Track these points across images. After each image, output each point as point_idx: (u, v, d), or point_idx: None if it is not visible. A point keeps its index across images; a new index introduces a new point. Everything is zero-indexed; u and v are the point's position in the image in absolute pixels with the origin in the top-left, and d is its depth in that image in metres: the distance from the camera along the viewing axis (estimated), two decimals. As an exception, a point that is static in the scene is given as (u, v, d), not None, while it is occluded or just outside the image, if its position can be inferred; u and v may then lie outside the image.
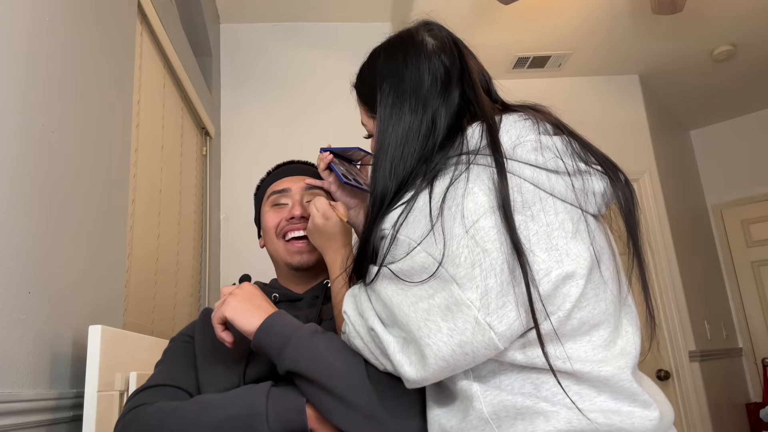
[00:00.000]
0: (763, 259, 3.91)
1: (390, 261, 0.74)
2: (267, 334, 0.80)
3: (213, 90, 2.66)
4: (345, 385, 0.75)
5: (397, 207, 0.76)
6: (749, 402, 3.71)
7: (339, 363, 0.77)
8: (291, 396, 0.78)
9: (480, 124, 0.78)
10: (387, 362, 0.74)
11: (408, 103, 0.82)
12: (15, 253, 0.94)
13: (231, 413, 0.77)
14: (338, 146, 1.11)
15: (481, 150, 0.75)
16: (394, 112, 0.83)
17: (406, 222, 0.73)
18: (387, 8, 2.91)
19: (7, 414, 0.86)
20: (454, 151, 0.77)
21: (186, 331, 1.03)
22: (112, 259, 1.33)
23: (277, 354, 0.79)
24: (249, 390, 0.80)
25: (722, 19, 2.82)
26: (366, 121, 0.94)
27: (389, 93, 0.85)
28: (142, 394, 0.89)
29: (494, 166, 0.73)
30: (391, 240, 0.74)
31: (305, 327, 0.82)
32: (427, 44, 0.85)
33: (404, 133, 0.81)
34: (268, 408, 0.76)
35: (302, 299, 1.04)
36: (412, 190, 0.76)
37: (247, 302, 0.85)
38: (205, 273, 2.31)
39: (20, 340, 0.93)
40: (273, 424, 0.75)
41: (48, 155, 1.06)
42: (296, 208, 1.06)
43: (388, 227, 0.75)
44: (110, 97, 1.37)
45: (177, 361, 0.96)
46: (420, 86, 0.83)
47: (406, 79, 0.84)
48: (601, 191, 0.77)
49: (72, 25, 1.20)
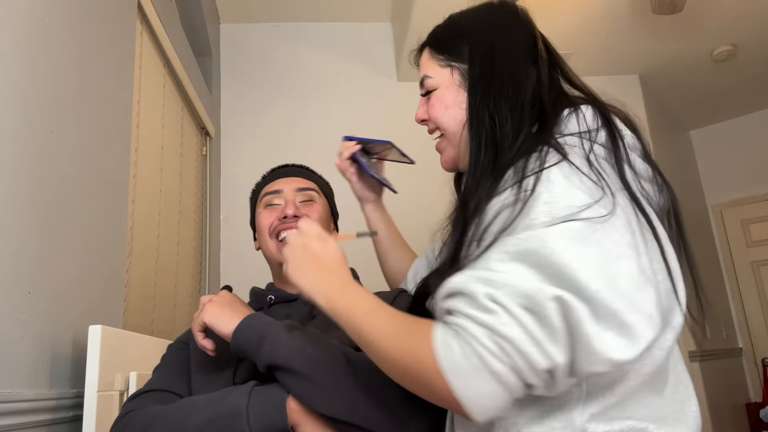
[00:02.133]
0: (763, 259, 3.90)
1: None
2: (244, 333, 0.82)
3: (213, 90, 2.66)
4: (326, 371, 0.77)
5: (530, 176, 0.67)
6: (749, 402, 3.71)
7: (317, 351, 0.79)
8: (271, 394, 0.78)
9: (593, 108, 0.77)
10: (563, 343, 0.58)
11: (510, 69, 0.79)
12: (15, 252, 0.94)
13: (213, 414, 0.78)
14: (361, 136, 1.11)
15: (598, 133, 0.73)
16: (495, 77, 0.79)
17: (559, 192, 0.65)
18: (387, 8, 2.91)
19: (7, 414, 0.86)
20: (566, 129, 0.74)
21: (182, 338, 1.04)
22: (112, 259, 1.33)
23: (255, 349, 0.80)
24: (232, 391, 0.81)
25: (722, 19, 2.82)
26: (434, 73, 0.86)
27: (488, 54, 0.81)
28: (138, 398, 0.91)
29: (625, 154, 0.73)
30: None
31: (282, 323, 0.83)
32: (522, 16, 0.85)
33: (509, 99, 0.77)
34: (248, 407, 0.76)
35: (297, 299, 1.05)
36: (525, 162, 0.70)
37: (224, 307, 0.86)
38: (205, 273, 2.31)
39: (20, 340, 0.93)
40: (253, 422, 0.75)
41: (48, 155, 1.06)
42: (289, 207, 1.06)
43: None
44: (110, 98, 1.37)
45: (172, 367, 0.98)
46: (523, 54, 0.80)
47: (509, 44, 0.81)
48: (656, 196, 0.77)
49: (72, 25, 1.19)
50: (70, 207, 1.13)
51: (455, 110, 0.83)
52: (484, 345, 0.57)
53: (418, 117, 0.91)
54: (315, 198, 1.11)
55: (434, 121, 0.87)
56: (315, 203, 1.11)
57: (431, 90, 0.86)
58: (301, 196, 1.10)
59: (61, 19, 1.15)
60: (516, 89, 0.78)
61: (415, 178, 1.80)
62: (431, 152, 0.94)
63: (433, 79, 0.86)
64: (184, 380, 0.95)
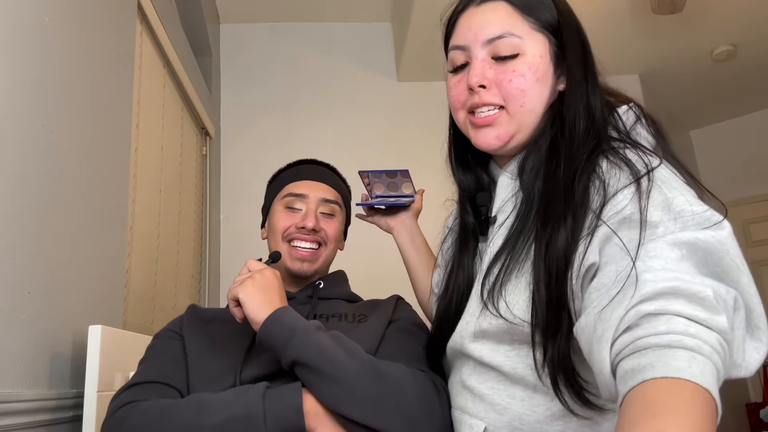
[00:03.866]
0: (763, 259, 3.90)
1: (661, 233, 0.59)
2: (274, 326, 0.82)
3: (213, 90, 2.66)
4: (353, 374, 0.78)
5: (624, 189, 0.64)
6: (749, 402, 3.71)
7: (344, 354, 0.80)
8: (288, 396, 0.78)
9: (634, 108, 0.75)
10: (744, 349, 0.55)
11: (591, 54, 0.78)
12: (15, 253, 0.93)
13: (229, 415, 0.77)
14: (374, 169, 1.11)
15: (638, 135, 0.72)
16: (588, 60, 0.77)
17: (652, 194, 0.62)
18: (387, 8, 2.91)
19: (7, 414, 0.86)
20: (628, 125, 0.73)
21: (172, 327, 0.99)
22: (112, 259, 1.33)
23: (284, 344, 0.81)
24: (245, 391, 0.80)
25: (722, 19, 2.82)
26: (525, 34, 0.76)
27: (577, 34, 0.79)
28: (129, 391, 0.85)
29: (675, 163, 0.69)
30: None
31: (311, 322, 0.84)
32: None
33: (597, 85, 0.76)
34: (265, 409, 0.76)
35: (294, 298, 1.05)
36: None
37: (261, 291, 0.86)
38: (205, 273, 2.31)
39: (20, 340, 0.93)
40: (271, 424, 0.75)
41: (48, 155, 1.06)
42: (309, 220, 1.06)
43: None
44: (110, 97, 1.37)
45: (164, 357, 0.93)
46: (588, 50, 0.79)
47: (580, 27, 0.80)
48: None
49: (72, 25, 1.19)
50: (70, 207, 1.13)
51: (544, 86, 0.76)
52: (717, 351, 0.50)
53: (480, 80, 0.76)
54: (336, 212, 1.11)
55: (517, 92, 0.75)
56: (335, 219, 1.10)
57: (514, 54, 0.75)
58: (323, 208, 1.09)
59: (61, 19, 1.15)
60: (595, 75, 0.77)
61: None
62: (431, 153, 0.93)
63: (522, 41, 0.75)
64: (180, 371, 0.90)
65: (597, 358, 0.54)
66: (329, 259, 1.11)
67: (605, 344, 0.53)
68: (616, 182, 0.66)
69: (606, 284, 0.58)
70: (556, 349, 0.65)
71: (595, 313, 0.56)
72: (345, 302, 1.08)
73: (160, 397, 0.85)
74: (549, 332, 0.66)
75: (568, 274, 0.65)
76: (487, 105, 0.77)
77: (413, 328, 0.97)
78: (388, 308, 1.00)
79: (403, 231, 1.10)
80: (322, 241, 1.08)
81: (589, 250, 0.63)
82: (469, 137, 0.81)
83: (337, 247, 1.13)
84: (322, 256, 1.08)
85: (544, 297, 0.66)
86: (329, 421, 0.78)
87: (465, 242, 0.86)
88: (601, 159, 0.70)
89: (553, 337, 0.65)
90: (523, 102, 0.75)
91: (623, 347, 0.52)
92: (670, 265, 0.55)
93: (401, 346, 0.92)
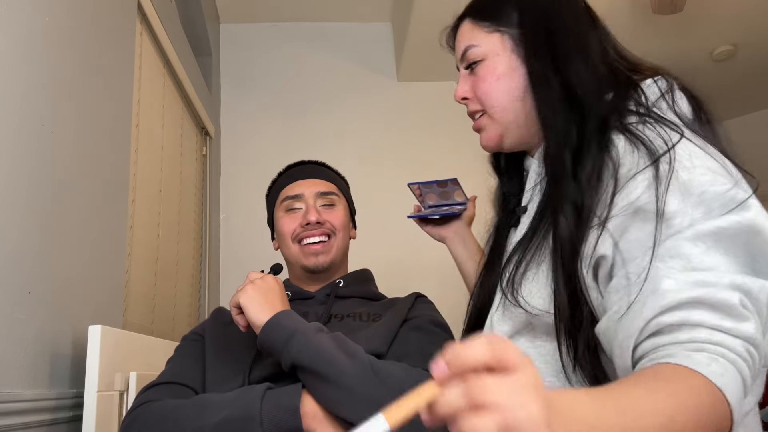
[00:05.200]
0: (763, 259, 3.90)
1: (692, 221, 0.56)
2: (273, 329, 0.83)
3: (213, 90, 2.66)
4: (352, 375, 0.77)
5: (643, 171, 0.61)
6: (749, 402, 3.71)
7: (344, 355, 0.79)
8: (285, 397, 0.78)
9: (662, 80, 0.72)
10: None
11: (570, 30, 0.75)
12: (15, 253, 0.93)
13: (226, 415, 0.77)
14: (424, 180, 1.10)
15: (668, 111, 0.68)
16: (557, 38, 0.74)
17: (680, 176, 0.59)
18: (387, 8, 2.91)
19: (7, 414, 0.86)
20: (630, 103, 0.69)
21: (197, 329, 1.05)
22: (112, 259, 1.33)
23: (282, 347, 0.81)
24: (246, 392, 0.81)
25: (722, 19, 2.82)
26: (480, 41, 0.79)
27: (542, 16, 0.76)
28: (150, 391, 0.90)
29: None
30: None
31: (311, 324, 0.84)
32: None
33: (576, 59, 0.72)
34: (262, 410, 0.76)
35: (314, 297, 1.06)
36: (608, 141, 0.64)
37: (262, 296, 0.87)
38: (205, 273, 2.31)
39: (20, 340, 0.93)
40: (267, 426, 0.75)
41: (48, 155, 1.06)
42: (311, 214, 1.08)
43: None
44: (110, 97, 1.37)
45: (185, 358, 0.98)
46: (579, 17, 0.77)
47: (561, 7, 0.77)
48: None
49: (72, 25, 1.19)
50: (70, 207, 1.13)
51: (507, 81, 0.77)
52: (743, 358, 0.49)
53: (461, 94, 0.82)
54: (336, 202, 1.12)
55: (484, 96, 0.79)
56: (336, 208, 1.11)
57: (477, 61, 0.79)
58: (321, 201, 1.11)
59: (61, 19, 1.15)
60: (580, 49, 0.73)
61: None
62: (431, 153, 0.93)
63: (479, 48, 0.78)
64: (198, 372, 0.94)
65: (620, 364, 0.54)
66: (342, 248, 1.12)
67: (626, 351, 0.53)
68: (630, 165, 0.62)
69: (624, 285, 0.57)
70: (584, 346, 0.62)
71: (615, 319, 0.56)
72: (364, 300, 1.08)
73: (175, 397, 0.87)
74: (574, 324, 0.63)
75: (577, 264, 0.63)
76: (474, 113, 0.83)
77: (429, 326, 0.95)
78: (405, 306, 1.00)
79: (456, 240, 1.09)
80: (329, 232, 1.09)
81: (600, 242, 0.61)
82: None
83: (347, 236, 1.14)
84: (334, 246, 1.09)
85: (562, 288, 0.64)
86: (328, 423, 0.78)
87: (497, 240, 0.85)
88: (617, 137, 0.65)
89: (578, 331, 0.63)
90: (492, 104, 0.79)
91: (645, 352, 0.52)
92: (693, 263, 0.53)
93: (413, 346, 0.90)
